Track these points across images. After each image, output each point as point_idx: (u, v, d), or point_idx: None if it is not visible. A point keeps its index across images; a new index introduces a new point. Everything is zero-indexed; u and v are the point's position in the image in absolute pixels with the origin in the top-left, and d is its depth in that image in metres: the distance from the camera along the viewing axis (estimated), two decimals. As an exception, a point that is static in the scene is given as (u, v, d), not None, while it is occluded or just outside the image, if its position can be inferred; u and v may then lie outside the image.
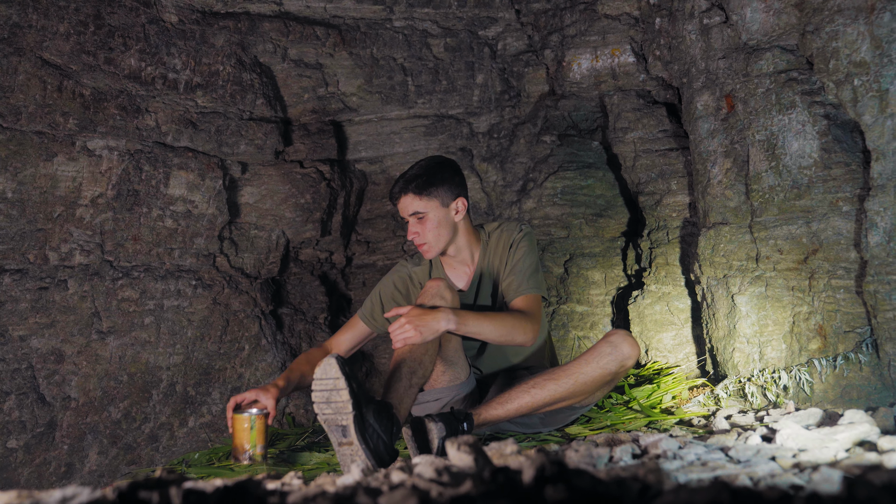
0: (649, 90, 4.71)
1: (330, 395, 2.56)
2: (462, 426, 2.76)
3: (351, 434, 2.53)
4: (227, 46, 4.39)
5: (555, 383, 2.97)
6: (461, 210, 3.34)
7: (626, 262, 4.69)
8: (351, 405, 2.53)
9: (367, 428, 2.56)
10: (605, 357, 3.00)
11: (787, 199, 3.46)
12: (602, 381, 3.02)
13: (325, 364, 2.58)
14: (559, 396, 2.97)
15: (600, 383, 3.03)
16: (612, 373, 3.01)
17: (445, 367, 3.21)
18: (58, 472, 3.78)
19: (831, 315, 3.28)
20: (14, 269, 3.82)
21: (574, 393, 2.99)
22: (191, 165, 4.28)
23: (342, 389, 2.54)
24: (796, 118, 3.44)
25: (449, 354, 3.18)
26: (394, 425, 2.66)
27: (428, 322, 2.87)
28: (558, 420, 3.22)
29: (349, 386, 2.54)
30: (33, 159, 3.84)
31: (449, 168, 3.36)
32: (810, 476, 1.73)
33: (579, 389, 2.99)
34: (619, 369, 3.02)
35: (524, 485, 1.36)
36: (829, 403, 3.18)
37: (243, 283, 4.44)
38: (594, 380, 2.99)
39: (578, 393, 3.00)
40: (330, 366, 2.57)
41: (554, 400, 2.97)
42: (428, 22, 4.88)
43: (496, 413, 2.94)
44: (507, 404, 2.95)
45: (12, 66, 3.78)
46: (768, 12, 3.55)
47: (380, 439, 2.58)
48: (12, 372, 3.75)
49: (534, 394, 2.95)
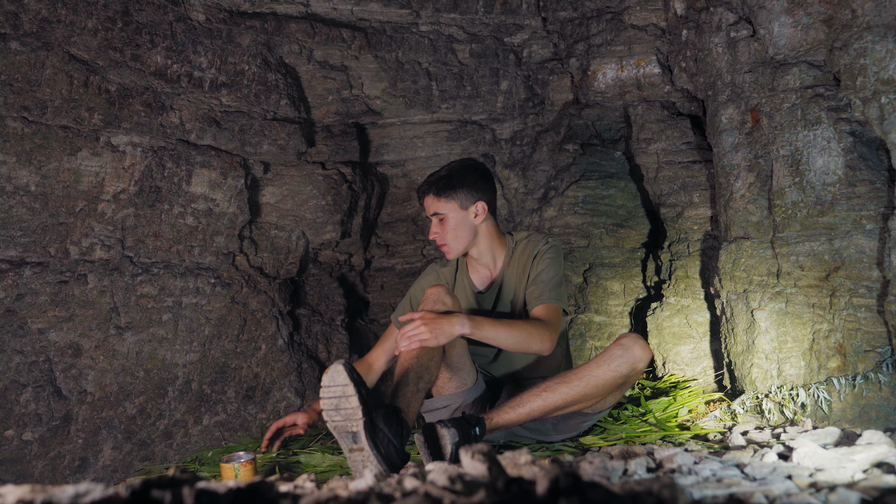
0: (674, 101, 4.69)
1: (339, 402, 2.55)
2: (474, 430, 2.74)
3: (362, 440, 2.52)
4: (253, 46, 4.40)
5: (566, 386, 2.95)
6: (481, 213, 3.35)
7: (645, 273, 4.66)
8: (361, 411, 2.52)
9: (377, 433, 2.55)
10: (617, 360, 2.98)
11: (810, 215, 3.43)
12: (614, 384, 3.00)
13: (333, 371, 2.57)
14: (571, 399, 2.95)
15: (612, 386, 3.01)
16: (623, 375, 2.99)
17: (452, 373, 3.20)
18: (72, 465, 3.80)
19: (852, 333, 3.25)
20: (35, 261, 3.85)
21: (586, 396, 2.97)
22: (213, 164, 4.30)
23: (351, 396, 2.53)
24: (822, 134, 3.42)
25: (454, 360, 3.17)
26: (403, 429, 2.65)
27: (443, 325, 2.86)
28: (570, 427, 3.20)
29: (358, 392, 2.53)
30: (57, 153, 3.87)
31: (473, 171, 3.38)
32: (827, 497, 1.71)
33: (591, 392, 2.97)
34: (630, 372, 3.00)
35: (538, 496, 1.35)
36: (848, 423, 3.15)
37: (262, 283, 4.44)
38: (606, 383, 2.98)
39: (590, 396, 2.99)
40: (338, 372, 2.56)
41: (566, 403, 2.96)
42: (454, 27, 4.88)
43: (508, 417, 2.92)
44: (519, 408, 2.94)
45: (40, 60, 3.81)
46: (796, 27, 3.53)
47: (391, 444, 2.57)
48: (30, 364, 3.77)
49: (545, 397, 2.94)
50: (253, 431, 4.17)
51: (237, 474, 2.95)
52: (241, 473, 2.95)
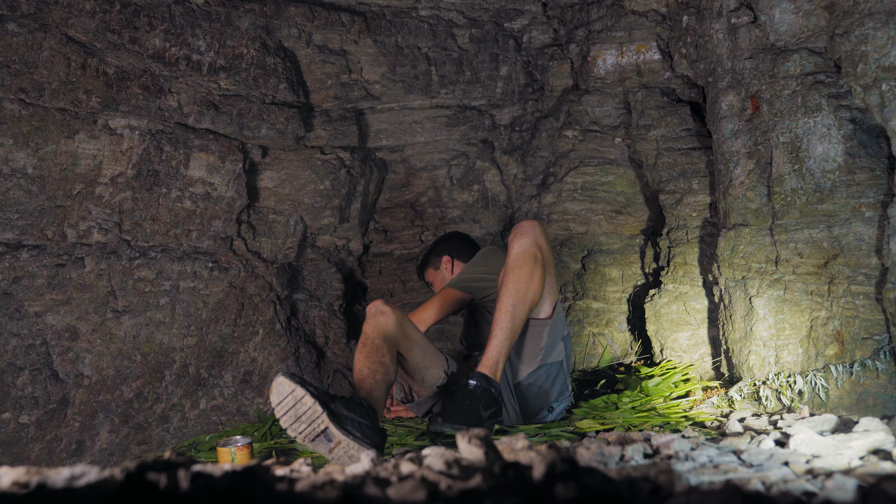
0: (674, 88, 4.67)
1: (296, 410, 2.52)
2: (469, 383, 2.97)
3: (334, 434, 2.51)
4: (251, 30, 4.38)
5: (508, 296, 3.17)
6: (445, 264, 4.19)
7: (644, 260, 4.66)
8: (319, 406, 2.51)
9: (344, 420, 2.55)
10: (522, 248, 3.25)
11: (809, 202, 3.42)
12: (532, 264, 3.22)
13: (276, 386, 2.56)
14: (516, 301, 3.16)
15: (531, 269, 3.22)
16: (533, 254, 3.23)
17: (422, 377, 3.33)
18: (68, 449, 3.80)
19: (850, 321, 3.25)
20: (32, 244, 3.84)
21: (524, 285, 3.20)
22: (211, 147, 4.28)
23: (303, 397, 2.52)
24: (822, 121, 3.41)
25: (416, 367, 3.30)
26: (367, 409, 2.66)
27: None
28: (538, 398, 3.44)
29: (308, 391, 2.52)
30: (55, 136, 3.85)
31: (433, 247, 4.27)
32: (823, 483, 1.71)
33: (524, 285, 3.20)
34: (535, 249, 3.25)
35: (534, 481, 1.34)
36: (845, 410, 3.15)
37: (259, 268, 4.44)
38: (529, 272, 3.21)
39: (524, 287, 3.20)
40: (280, 384, 2.55)
41: (515, 304, 3.16)
42: (454, 12, 4.86)
43: (492, 354, 3.09)
44: (493, 341, 3.12)
45: (37, 41, 3.79)
46: (797, 13, 3.52)
47: (361, 425, 2.56)
48: (27, 348, 3.76)
49: (500, 317, 3.14)
50: (250, 416, 4.17)
51: (234, 458, 2.95)
52: (238, 457, 2.95)
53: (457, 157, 5.08)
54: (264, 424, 3.88)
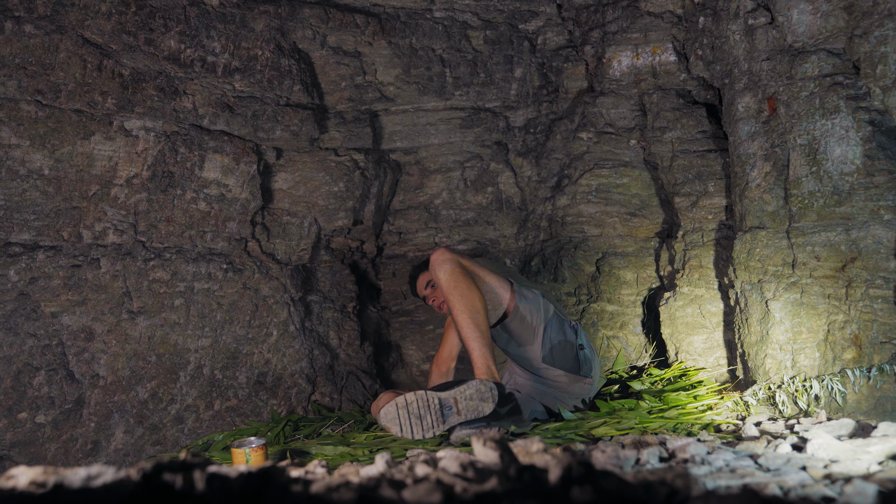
0: (689, 90, 4.65)
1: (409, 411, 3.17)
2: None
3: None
4: (266, 31, 4.38)
5: (461, 314, 3.44)
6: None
7: (658, 262, 4.64)
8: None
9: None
10: (446, 272, 3.51)
11: (826, 205, 3.40)
12: (461, 279, 3.49)
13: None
14: (470, 312, 3.43)
15: (464, 283, 3.49)
16: (456, 272, 3.50)
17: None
18: (84, 449, 3.80)
19: (868, 325, 3.22)
20: (48, 245, 3.85)
21: (468, 302, 3.46)
22: (226, 149, 4.29)
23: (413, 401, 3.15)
24: (840, 123, 3.38)
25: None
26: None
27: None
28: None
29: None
30: (71, 137, 3.86)
31: (422, 264, 4.23)
32: (842, 488, 1.70)
33: (467, 299, 3.47)
34: (454, 265, 3.51)
35: (550, 484, 1.33)
36: (862, 414, 3.13)
37: (274, 269, 4.44)
38: (465, 285, 3.48)
39: (468, 299, 3.48)
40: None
41: (472, 315, 3.43)
42: (468, 14, 4.85)
43: (478, 362, 3.32)
44: (473, 353, 3.37)
45: (53, 43, 3.80)
46: (815, 14, 3.49)
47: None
48: (43, 348, 3.77)
49: (466, 332, 3.40)
50: (264, 417, 4.17)
51: (248, 459, 2.95)
52: (252, 458, 2.96)
53: (471, 158, 5.07)
54: (278, 425, 3.88)
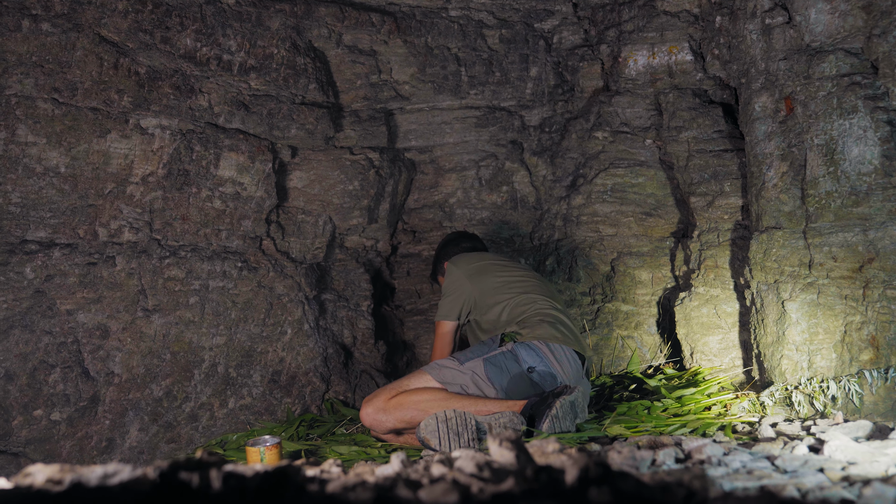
0: (706, 89, 4.63)
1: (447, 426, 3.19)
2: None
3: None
4: (282, 30, 4.39)
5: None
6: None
7: (674, 262, 4.62)
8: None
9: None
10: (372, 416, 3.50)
11: (844, 205, 3.38)
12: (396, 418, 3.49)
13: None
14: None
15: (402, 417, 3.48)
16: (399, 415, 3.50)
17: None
18: (99, 446, 3.82)
19: (885, 326, 3.20)
20: (64, 243, 3.87)
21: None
22: (241, 147, 4.30)
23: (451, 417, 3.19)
24: (857, 123, 3.36)
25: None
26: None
27: None
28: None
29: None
30: (87, 135, 3.87)
31: (436, 254, 4.50)
32: (861, 491, 1.68)
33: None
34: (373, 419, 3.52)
35: (567, 485, 1.33)
36: (880, 416, 3.11)
37: (288, 268, 4.44)
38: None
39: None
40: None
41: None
42: (484, 12, 4.84)
43: (492, 408, 3.36)
44: (478, 404, 3.41)
45: (70, 41, 3.82)
46: (833, 14, 3.47)
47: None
48: (58, 345, 3.79)
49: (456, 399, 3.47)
50: (278, 416, 4.17)
51: (262, 458, 2.95)
52: (267, 457, 2.96)
53: (486, 157, 5.07)
54: (292, 424, 3.89)
